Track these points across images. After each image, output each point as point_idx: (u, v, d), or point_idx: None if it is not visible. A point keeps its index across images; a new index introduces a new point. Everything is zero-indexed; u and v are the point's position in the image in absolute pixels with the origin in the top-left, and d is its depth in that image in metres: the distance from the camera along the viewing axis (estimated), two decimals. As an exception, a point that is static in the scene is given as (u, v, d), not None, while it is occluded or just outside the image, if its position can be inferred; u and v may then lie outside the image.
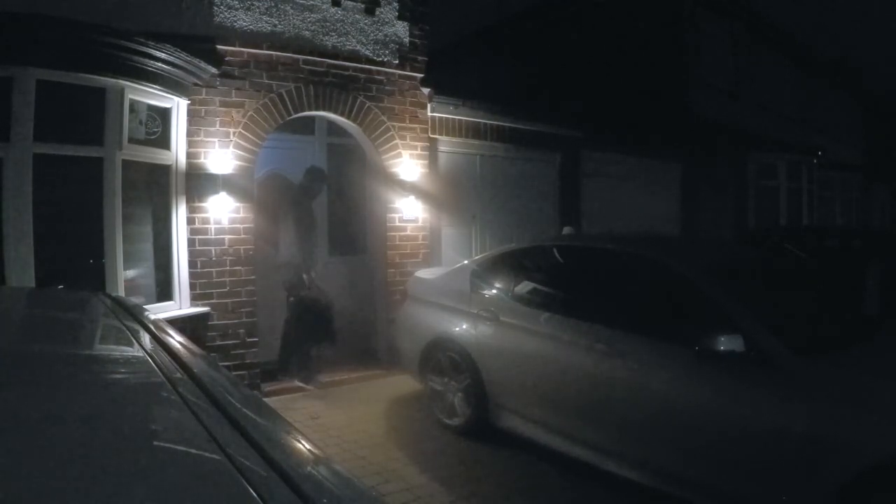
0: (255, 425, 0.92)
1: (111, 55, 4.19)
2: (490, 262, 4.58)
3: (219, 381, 1.16)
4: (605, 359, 3.37)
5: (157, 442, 0.83)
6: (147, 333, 1.40)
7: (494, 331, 4.09)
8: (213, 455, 0.75)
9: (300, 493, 0.69)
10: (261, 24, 5.21)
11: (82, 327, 1.62)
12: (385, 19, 5.98)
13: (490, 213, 7.08)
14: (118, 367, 1.19)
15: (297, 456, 0.91)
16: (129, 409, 0.94)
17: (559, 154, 7.81)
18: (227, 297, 5.07)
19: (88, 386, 1.02)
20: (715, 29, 11.87)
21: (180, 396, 0.95)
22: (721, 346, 2.83)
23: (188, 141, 4.91)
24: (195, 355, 1.34)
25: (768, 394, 2.73)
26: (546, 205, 7.69)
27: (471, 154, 6.90)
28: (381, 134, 5.95)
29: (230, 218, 5.09)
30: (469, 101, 6.73)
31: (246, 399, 1.16)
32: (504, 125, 7.07)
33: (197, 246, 4.96)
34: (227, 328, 5.07)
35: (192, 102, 4.91)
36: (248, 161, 5.19)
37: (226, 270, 5.08)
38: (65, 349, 1.30)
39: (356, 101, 5.77)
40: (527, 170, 7.47)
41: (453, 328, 4.38)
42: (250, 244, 5.23)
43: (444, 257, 6.43)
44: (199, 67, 4.78)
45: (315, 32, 5.52)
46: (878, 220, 16.48)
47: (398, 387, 5.26)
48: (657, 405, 3.12)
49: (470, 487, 3.49)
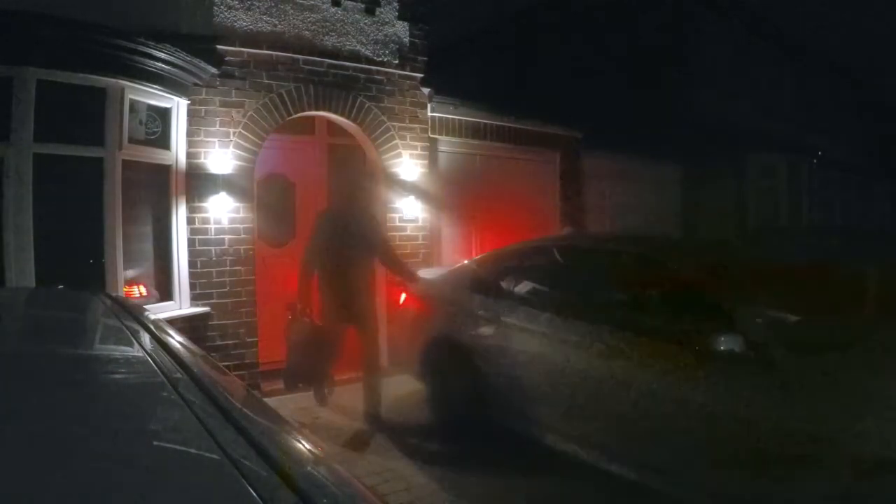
0: (255, 425, 0.92)
1: (111, 55, 4.19)
2: (491, 262, 4.58)
3: (219, 381, 1.16)
4: (605, 358, 3.37)
5: (157, 442, 0.83)
6: (147, 333, 1.40)
7: (495, 331, 4.09)
8: (213, 455, 0.75)
9: (300, 493, 0.69)
10: (261, 24, 5.21)
11: (82, 327, 1.62)
12: (385, 19, 5.98)
13: (490, 213, 7.08)
14: (118, 367, 1.19)
15: (297, 456, 0.91)
16: (129, 409, 0.94)
17: (559, 154, 7.81)
18: (227, 297, 5.07)
19: (88, 386, 1.02)
20: (715, 29, 11.87)
21: (180, 396, 0.95)
22: (721, 346, 2.83)
23: (188, 141, 4.91)
24: (195, 355, 1.34)
25: (767, 393, 2.72)
26: (546, 205, 7.68)
27: (471, 154, 6.90)
28: (381, 134, 5.95)
29: (230, 218, 5.08)
30: (469, 101, 6.74)
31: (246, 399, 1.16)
32: (504, 125, 7.07)
33: (197, 246, 4.96)
34: (227, 328, 5.07)
35: (192, 102, 4.91)
36: (248, 161, 5.19)
37: (226, 270, 5.08)
38: (65, 349, 1.30)
39: (356, 101, 5.76)
40: (527, 170, 7.46)
41: (453, 328, 4.37)
42: (250, 244, 5.23)
43: (444, 257, 6.43)
44: (199, 67, 4.78)
45: (315, 32, 5.52)
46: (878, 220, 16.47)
47: (398, 387, 5.26)
48: (655, 404, 3.12)
49: (470, 487, 3.49)
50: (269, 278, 5.61)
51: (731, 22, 12.27)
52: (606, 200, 8.70)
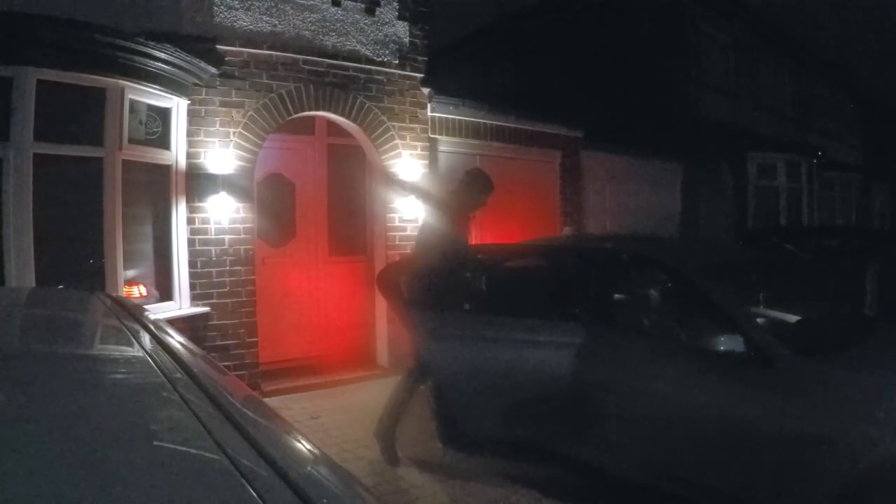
0: (255, 425, 0.92)
1: (111, 55, 4.19)
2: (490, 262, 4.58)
3: (219, 381, 1.16)
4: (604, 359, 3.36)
5: (157, 442, 0.83)
6: (147, 333, 1.40)
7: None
8: (213, 455, 0.75)
9: (300, 493, 0.69)
10: (261, 24, 5.21)
11: (82, 327, 1.62)
12: (385, 19, 5.98)
13: (490, 212, 7.07)
14: (118, 367, 1.18)
15: (297, 456, 0.91)
16: (129, 409, 0.94)
17: (559, 154, 7.81)
18: (227, 297, 5.07)
19: (88, 386, 1.02)
20: (715, 29, 11.88)
21: (180, 396, 0.94)
22: (721, 346, 2.83)
23: (188, 141, 4.91)
24: (195, 355, 1.34)
25: (768, 393, 2.72)
26: (546, 205, 7.68)
27: (471, 154, 6.89)
28: (381, 134, 5.95)
29: (230, 218, 5.09)
30: (469, 101, 6.74)
31: (246, 399, 1.16)
32: (504, 125, 7.07)
33: (197, 246, 4.96)
34: (227, 328, 5.07)
35: (192, 102, 4.91)
36: (248, 161, 5.19)
37: (226, 270, 5.08)
38: (65, 349, 1.30)
39: (356, 101, 5.77)
40: (527, 170, 7.46)
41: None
42: (250, 244, 5.23)
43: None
44: (199, 67, 4.78)
45: (315, 32, 5.52)
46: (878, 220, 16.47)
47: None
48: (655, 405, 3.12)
49: (470, 487, 3.49)
50: (268, 278, 5.62)
51: (731, 22, 12.27)
52: (606, 200, 8.70)
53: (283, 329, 5.81)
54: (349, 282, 6.43)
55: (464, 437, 3.89)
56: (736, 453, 2.80)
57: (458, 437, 3.94)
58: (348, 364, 5.97)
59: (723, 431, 2.84)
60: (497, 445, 3.74)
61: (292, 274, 5.99)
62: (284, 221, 6.02)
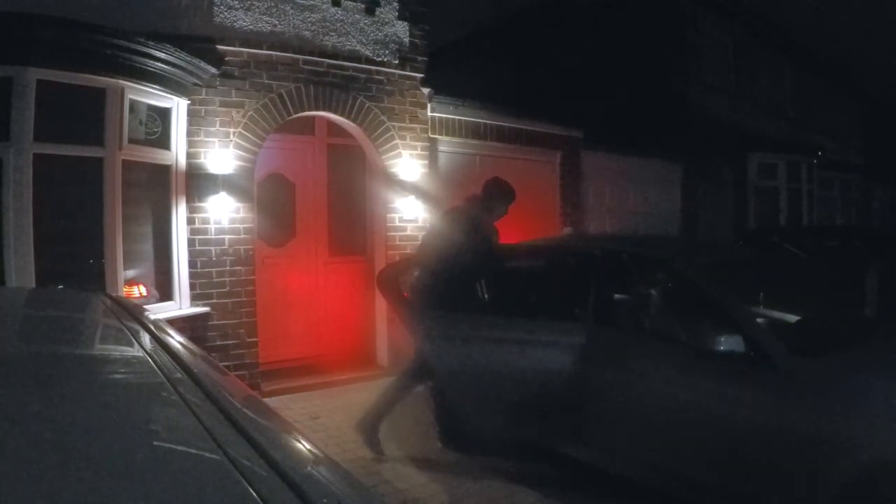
0: (255, 425, 0.92)
1: (111, 55, 4.19)
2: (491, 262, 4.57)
3: (219, 381, 1.16)
4: (604, 359, 3.36)
5: (157, 442, 0.83)
6: (147, 333, 1.40)
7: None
8: (213, 455, 0.75)
9: (300, 493, 0.69)
10: (261, 24, 5.21)
11: (82, 327, 1.62)
12: (385, 19, 5.98)
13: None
14: (118, 367, 1.18)
15: (297, 456, 0.91)
16: (128, 409, 0.94)
17: (559, 154, 7.81)
18: (227, 297, 5.07)
19: (88, 386, 1.02)
20: (715, 29, 11.87)
21: (180, 396, 0.95)
22: (721, 346, 2.83)
23: (188, 141, 4.91)
24: (195, 355, 1.34)
25: (767, 393, 2.72)
26: (546, 205, 7.68)
27: (471, 154, 6.90)
28: (381, 134, 5.96)
29: (230, 218, 5.09)
30: (469, 101, 6.73)
31: (246, 399, 1.16)
32: (504, 125, 7.07)
33: (197, 246, 4.96)
34: (227, 328, 5.07)
35: (192, 102, 4.91)
36: (248, 161, 5.19)
37: (226, 270, 5.08)
38: (65, 349, 1.30)
39: (356, 101, 5.77)
40: (527, 170, 7.46)
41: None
42: (250, 244, 5.23)
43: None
44: (199, 67, 4.78)
45: (315, 32, 5.52)
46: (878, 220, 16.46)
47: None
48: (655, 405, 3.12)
49: (470, 487, 3.49)
50: (268, 278, 5.62)
51: (731, 22, 12.27)
52: (606, 200, 8.70)
53: (283, 329, 5.81)
54: (349, 282, 6.43)
55: (464, 437, 3.91)
56: (736, 453, 2.80)
57: (459, 437, 3.97)
58: (348, 364, 5.97)
59: (723, 431, 2.84)
60: (497, 445, 3.76)
61: (292, 274, 6.00)
62: (284, 221, 6.03)
